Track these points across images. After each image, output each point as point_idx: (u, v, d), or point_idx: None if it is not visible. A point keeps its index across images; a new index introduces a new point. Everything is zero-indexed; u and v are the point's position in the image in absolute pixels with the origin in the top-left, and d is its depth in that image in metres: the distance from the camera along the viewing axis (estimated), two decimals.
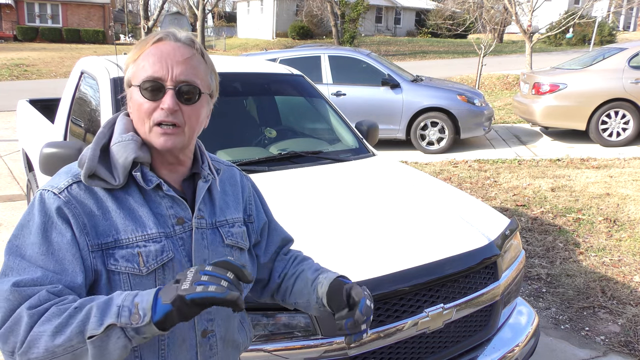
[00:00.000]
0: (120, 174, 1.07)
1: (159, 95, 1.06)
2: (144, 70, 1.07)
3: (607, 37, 28.11)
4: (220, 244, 1.18)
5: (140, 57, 1.10)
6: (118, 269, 1.05)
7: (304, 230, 2.06)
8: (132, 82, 1.10)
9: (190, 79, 1.08)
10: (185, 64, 1.08)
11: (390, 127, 8.04)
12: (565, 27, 16.96)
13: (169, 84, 1.06)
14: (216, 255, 1.16)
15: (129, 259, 1.05)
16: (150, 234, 1.07)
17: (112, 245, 1.05)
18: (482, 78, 14.54)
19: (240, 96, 3.43)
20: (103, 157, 1.08)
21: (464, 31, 22.91)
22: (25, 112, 4.67)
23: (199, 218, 1.15)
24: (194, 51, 1.11)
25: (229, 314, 1.21)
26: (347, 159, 2.93)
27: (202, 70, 1.12)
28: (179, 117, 1.08)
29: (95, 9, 34.50)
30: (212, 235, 1.17)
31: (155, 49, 1.09)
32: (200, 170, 1.18)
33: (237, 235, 1.23)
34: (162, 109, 1.06)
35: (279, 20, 36.80)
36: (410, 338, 1.89)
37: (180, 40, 1.11)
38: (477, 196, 5.66)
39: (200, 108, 1.12)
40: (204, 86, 1.12)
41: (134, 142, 1.09)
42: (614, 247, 4.33)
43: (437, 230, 2.16)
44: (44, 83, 16.23)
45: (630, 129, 8.00)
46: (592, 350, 3.03)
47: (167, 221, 1.11)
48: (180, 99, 1.07)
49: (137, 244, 1.06)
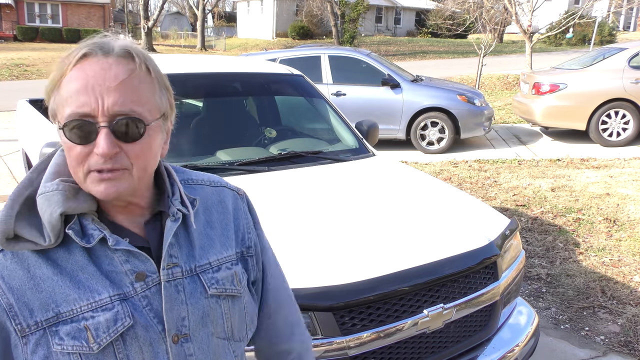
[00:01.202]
0: (50, 233, 0.84)
1: (91, 137, 0.81)
2: (66, 103, 0.82)
3: (607, 37, 28.13)
4: (202, 295, 0.94)
5: (62, 83, 0.83)
6: (65, 349, 0.84)
7: (304, 230, 2.06)
8: (58, 119, 0.85)
9: (130, 109, 0.82)
10: (121, 89, 0.82)
11: (390, 127, 8.04)
12: (565, 27, 16.96)
13: (101, 120, 0.81)
14: (197, 311, 0.92)
15: (75, 336, 0.84)
16: (98, 300, 0.85)
17: (54, 322, 0.83)
18: (482, 78, 14.54)
19: (240, 96, 3.43)
20: (30, 211, 0.86)
21: (464, 31, 22.91)
22: (25, 112, 4.68)
23: (170, 267, 0.91)
24: (134, 66, 0.84)
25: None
26: (347, 159, 2.93)
27: (147, 90, 0.85)
28: (121, 159, 0.83)
29: (95, 9, 34.51)
30: (192, 285, 0.93)
31: (79, 72, 0.82)
32: (168, 206, 0.93)
33: (225, 280, 0.97)
34: (97, 155, 0.82)
35: (279, 20, 36.81)
36: (410, 338, 1.89)
37: (113, 53, 0.83)
38: (477, 196, 5.67)
39: (149, 142, 0.86)
40: (151, 112, 0.86)
41: (60, 193, 0.85)
42: (614, 247, 4.33)
43: (437, 230, 2.16)
44: (44, 83, 16.12)
45: (631, 129, 8.00)
46: (592, 350, 3.03)
47: (124, 279, 0.87)
48: (120, 137, 0.82)
49: (83, 316, 0.84)
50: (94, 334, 0.84)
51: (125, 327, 0.86)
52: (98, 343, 0.84)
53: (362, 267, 1.86)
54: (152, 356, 0.88)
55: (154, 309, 0.89)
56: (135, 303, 0.88)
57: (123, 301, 0.87)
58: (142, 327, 0.87)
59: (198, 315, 0.93)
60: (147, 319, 0.88)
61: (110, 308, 0.86)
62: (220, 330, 0.96)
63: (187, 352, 0.91)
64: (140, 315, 0.88)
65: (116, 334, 0.85)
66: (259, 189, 2.42)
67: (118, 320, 0.86)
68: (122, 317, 0.86)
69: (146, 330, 0.88)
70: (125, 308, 0.87)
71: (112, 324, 0.85)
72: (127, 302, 0.87)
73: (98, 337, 0.84)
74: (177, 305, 0.91)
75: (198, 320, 0.93)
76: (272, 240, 1.95)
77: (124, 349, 0.86)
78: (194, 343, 0.92)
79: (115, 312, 0.86)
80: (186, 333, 0.91)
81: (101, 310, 0.85)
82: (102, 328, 0.85)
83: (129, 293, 0.87)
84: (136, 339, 0.87)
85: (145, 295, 0.89)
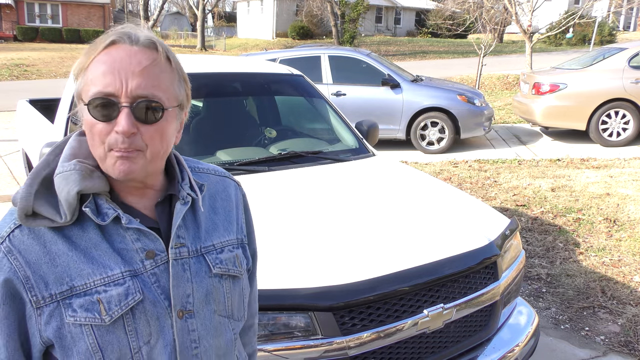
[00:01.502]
0: (66, 210, 0.89)
1: (113, 115, 0.87)
2: (92, 83, 0.88)
3: (607, 37, 28.13)
4: (206, 274, 1.00)
5: (90, 65, 0.90)
6: (78, 321, 0.89)
7: (305, 230, 2.06)
8: (82, 97, 0.91)
9: (150, 93, 0.88)
10: (144, 75, 0.88)
11: (390, 127, 8.04)
12: (565, 27, 16.96)
13: (124, 100, 0.87)
14: (201, 289, 0.99)
15: (89, 308, 0.89)
16: (111, 275, 0.91)
17: (68, 294, 0.89)
18: (482, 78, 14.54)
19: (240, 96, 3.43)
20: (47, 190, 0.91)
21: (464, 31, 22.91)
22: (25, 112, 4.68)
23: (177, 247, 0.97)
24: (156, 55, 0.91)
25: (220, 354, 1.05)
26: (347, 159, 2.93)
27: (167, 79, 0.92)
28: (137, 140, 0.88)
29: (95, 9, 34.51)
30: (197, 265, 0.99)
31: (107, 56, 0.88)
32: (179, 190, 0.99)
33: (228, 261, 1.04)
34: (117, 133, 0.87)
35: (279, 20, 36.81)
36: (410, 338, 1.89)
37: (138, 42, 0.90)
38: (477, 196, 5.67)
39: (165, 126, 0.92)
40: (169, 99, 0.92)
41: (77, 173, 0.90)
42: (614, 247, 4.33)
43: (437, 230, 2.16)
44: (44, 83, 16.24)
45: (631, 129, 8.00)
46: (592, 350, 3.03)
47: (134, 256, 0.93)
48: (139, 118, 0.88)
49: (96, 290, 0.90)
50: (106, 307, 0.90)
51: (135, 301, 0.92)
52: (110, 315, 0.90)
53: (362, 267, 1.86)
54: (158, 330, 0.94)
55: (162, 286, 0.95)
56: (144, 279, 0.94)
57: (133, 277, 0.93)
58: (150, 302, 0.93)
59: (202, 293, 0.99)
60: (155, 294, 0.94)
61: (122, 283, 0.91)
62: (222, 308, 1.03)
63: (190, 328, 0.97)
64: (149, 291, 0.93)
65: (127, 308, 0.91)
66: (259, 189, 2.42)
67: (129, 294, 0.91)
68: (133, 292, 0.92)
69: (154, 305, 0.94)
70: (135, 284, 0.92)
71: (123, 298, 0.91)
72: (137, 278, 0.93)
73: (110, 310, 0.90)
74: (183, 282, 0.97)
75: (202, 298, 0.99)
76: (272, 240, 1.95)
77: (133, 322, 0.92)
78: (197, 319, 0.98)
79: (126, 287, 0.91)
80: (190, 309, 0.97)
81: (113, 284, 0.91)
82: (114, 301, 0.90)
83: (139, 270, 0.93)
84: (144, 313, 0.93)
85: (154, 273, 0.95)
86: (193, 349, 0.98)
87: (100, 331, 0.90)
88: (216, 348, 1.02)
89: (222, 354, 1.04)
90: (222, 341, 1.04)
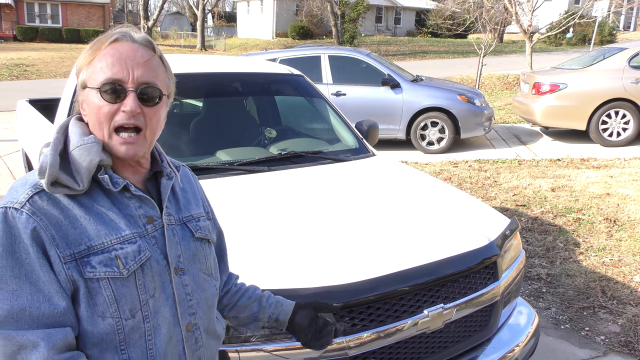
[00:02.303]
0: (84, 179, 1.04)
1: (120, 98, 1.05)
2: (102, 71, 1.05)
3: (607, 37, 28.14)
4: (191, 238, 1.18)
5: (96, 58, 1.07)
6: (97, 276, 1.02)
7: (304, 230, 2.06)
8: (88, 84, 1.07)
9: (152, 81, 1.08)
10: (146, 66, 1.07)
11: (390, 127, 8.04)
12: (565, 27, 16.96)
13: (130, 85, 1.05)
14: (188, 251, 1.16)
15: (107, 264, 1.03)
16: (125, 235, 1.06)
17: (85, 253, 1.02)
18: (482, 78, 14.54)
19: (240, 96, 3.43)
20: (62, 163, 1.05)
21: (464, 31, 22.90)
22: (25, 112, 4.67)
23: (167, 215, 1.15)
24: (153, 53, 1.11)
25: (209, 305, 1.22)
26: (347, 159, 2.93)
27: (162, 72, 1.12)
28: (140, 119, 1.07)
29: (95, 9, 34.50)
30: (182, 231, 1.17)
31: (113, 50, 1.07)
32: (162, 168, 1.18)
33: (205, 228, 1.24)
34: (124, 112, 1.05)
35: (279, 20, 36.81)
36: (410, 338, 1.89)
37: (138, 41, 1.09)
38: (477, 196, 5.67)
39: (160, 109, 1.11)
40: (164, 88, 1.11)
41: (97, 145, 1.06)
42: (614, 247, 4.33)
43: (437, 230, 2.16)
44: (44, 83, 16.23)
45: (631, 129, 7.99)
46: (592, 350, 3.03)
47: (138, 221, 1.10)
48: (142, 101, 1.07)
49: (113, 247, 1.04)
50: (124, 262, 1.04)
51: (146, 257, 1.08)
52: (127, 269, 1.05)
53: (362, 267, 1.86)
54: (161, 284, 1.10)
55: (160, 247, 1.12)
56: (148, 240, 1.10)
57: (141, 238, 1.09)
58: (155, 260, 1.10)
59: (189, 254, 1.17)
60: (156, 254, 1.11)
61: (135, 242, 1.07)
62: (204, 267, 1.21)
63: (184, 283, 1.15)
64: (153, 251, 1.10)
65: (140, 262, 1.06)
66: (259, 189, 2.42)
67: (141, 251, 1.07)
68: (144, 250, 1.08)
69: (157, 263, 1.10)
70: (144, 243, 1.09)
71: (137, 254, 1.06)
72: (143, 239, 1.09)
73: (127, 264, 1.05)
74: (174, 245, 1.14)
75: (190, 258, 1.17)
76: (272, 240, 1.95)
77: (142, 276, 1.07)
78: (188, 276, 1.16)
79: (138, 245, 1.07)
80: (182, 267, 1.15)
81: (128, 243, 1.06)
82: (130, 257, 1.05)
83: (143, 233, 1.10)
84: (151, 269, 1.08)
85: (154, 236, 1.12)
86: (188, 300, 1.15)
87: (117, 284, 1.04)
88: (205, 300, 1.20)
89: (210, 304, 1.22)
90: (208, 294, 1.21)
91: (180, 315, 1.13)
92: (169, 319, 1.11)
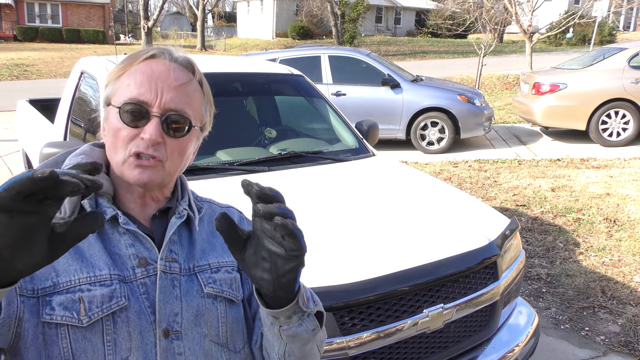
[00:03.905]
0: (66, 205, 0.86)
1: (142, 122, 0.89)
2: (128, 89, 0.90)
3: (607, 37, 28.13)
4: (198, 293, 0.94)
5: (126, 73, 0.92)
6: (54, 320, 0.83)
7: (304, 230, 2.06)
8: (112, 102, 0.93)
9: (181, 108, 0.91)
10: (179, 90, 0.91)
11: (390, 127, 8.04)
12: (565, 27, 16.96)
13: (156, 110, 0.89)
14: (191, 309, 0.93)
15: (68, 307, 0.84)
16: (99, 275, 0.87)
17: (50, 291, 0.84)
18: (482, 78, 14.54)
19: (240, 96, 3.43)
20: None
21: (464, 31, 22.90)
22: (25, 112, 4.67)
23: (168, 261, 0.93)
24: (192, 77, 0.95)
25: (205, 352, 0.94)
26: (347, 159, 2.93)
27: (197, 100, 0.95)
28: (160, 150, 0.90)
29: (95, 9, 34.51)
30: (189, 283, 0.94)
31: (146, 67, 0.91)
32: (176, 205, 0.98)
33: (222, 282, 0.98)
34: (143, 139, 0.88)
35: (279, 20, 36.81)
36: (410, 338, 1.89)
37: (177, 61, 0.94)
38: (477, 196, 5.67)
39: (187, 143, 0.94)
40: (196, 118, 0.95)
41: None
42: (614, 247, 4.33)
43: (437, 230, 2.16)
44: (44, 83, 16.23)
45: (631, 129, 8.00)
46: (592, 350, 3.03)
47: (126, 262, 0.90)
48: (166, 129, 0.90)
49: (79, 287, 0.85)
50: (87, 307, 0.85)
51: (119, 306, 0.87)
52: (89, 317, 0.85)
53: (362, 267, 1.86)
54: (140, 346, 0.87)
55: (150, 299, 0.90)
56: (133, 288, 0.89)
57: (122, 282, 0.88)
58: (135, 313, 0.88)
59: (192, 314, 0.93)
60: (142, 306, 0.89)
61: (109, 285, 0.87)
62: (214, 334, 0.95)
63: (176, 350, 0.90)
64: (136, 300, 0.89)
65: (109, 311, 0.86)
66: None
67: (113, 297, 0.86)
68: (118, 296, 0.87)
69: (138, 317, 0.88)
70: (122, 288, 0.88)
71: (107, 299, 0.86)
72: (125, 285, 0.89)
73: (90, 311, 0.85)
74: (172, 299, 0.91)
75: (191, 319, 0.93)
76: None
77: (113, 330, 0.86)
78: (185, 342, 0.91)
79: (112, 289, 0.87)
80: (178, 330, 0.91)
81: (99, 284, 0.86)
82: (96, 302, 0.85)
83: (129, 277, 0.89)
84: (127, 323, 0.87)
85: (144, 283, 0.90)
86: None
87: (76, 335, 0.84)
88: None
89: None
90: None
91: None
92: None
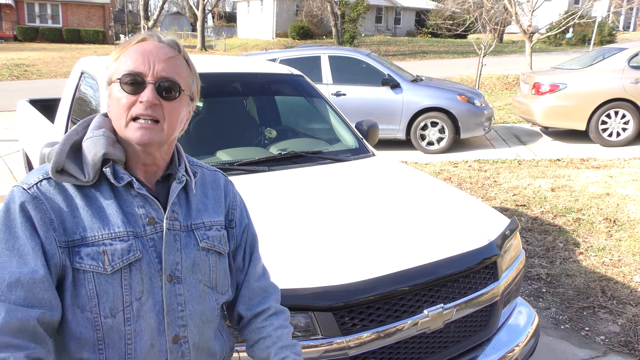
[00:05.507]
0: (90, 170, 1.06)
1: (139, 90, 1.06)
2: (125, 65, 1.08)
3: (607, 37, 28.11)
4: (194, 247, 1.15)
5: (122, 55, 1.10)
6: (83, 267, 1.04)
7: (304, 230, 2.06)
8: (113, 78, 1.10)
9: (172, 76, 1.09)
10: (168, 62, 1.09)
11: (390, 127, 8.04)
12: (565, 27, 16.95)
13: (150, 78, 1.07)
14: (189, 259, 1.14)
15: (94, 257, 1.04)
16: (117, 232, 1.06)
17: (78, 243, 1.04)
18: (482, 78, 14.54)
19: (240, 96, 3.43)
20: (74, 153, 1.08)
21: (464, 31, 22.88)
22: (25, 112, 4.67)
23: (171, 219, 1.13)
24: (178, 53, 1.13)
25: (204, 320, 1.17)
26: (347, 159, 2.93)
27: (184, 71, 1.13)
28: (158, 111, 1.07)
29: (95, 9, 34.49)
30: (187, 238, 1.15)
31: (139, 47, 1.10)
32: (175, 171, 1.17)
33: (214, 238, 1.20)
34: (141, 102, 1.06)
35: (279, 20, 36.79)
36: (410, 338, 1.89)
37: (164, 41, 1.12)
38: (477, 196, 5.67)
39: (180, 106, 1.11)
40: (185, 85, 1.12)
41: (104, 138, 1.08)
42: (614, 247, 4.33)
43: (437, 230, 2.16)
44: (44, 83, 16.23)
45: (630, 129, 7.99)
46: (592, 350, 3.03)
47: (138, 221, 1.09)
48: (161, 94, 1.07)
49: (103, 242, 1.05)
50: (110, 258, 1.05)
51: (135, 257, 1.07)
52: (112, 266, 1.05)
53: (362, 267, 1.86)
54: (149, 289, 1.08)
55: (157, 251, 1.10)
56: (144, 242, 1.09)
57: (136, 238, 1.08)
58: (146, 263, 1.08)
59: (189, 263, 1.14)
60: (150, 257, 1.09)
61: (126, 240, 1.07)
62: (206, 279, 1.17)
63: (177, 292, 1.12)
64: (146, 252, 1.09)
65: (127, 262, 1.06)
66: (259, 189, 2.42)
67: (131, 251, 1.07)
68: (134, 250, 1.07)
69: (149, 266, 1.08)
70: (137, 243, 1.08)
71: (125, 252, 1.06)
72: (138, 239, 1.08)
73: (113, 261, 1.05)
74: (174, 251, 1.12)
75: (189, 267, 1.14)
76: (272, 240, 1.95)
77: (129, 277, 1.06)
78: (184, 285, 1.13)
79: (129, 244, 1.07)
80: (178, 276, 1.12)
81: (119, 240, 1.06)
82: (117, 254, 1.05)
83: (140, 233, 1.09)
84: (140, 271, 1.07)
85: (152, 238, 1.10)
86: (179, 311, 1.12)
87: (100, 280, 1.04)
88: (200, 313, 1.16)
89: (205, 319, 1.17)
90: (205, 308, 1.17)
91: (167, 325, 1.11)
92: (153, 327, 1.09)
